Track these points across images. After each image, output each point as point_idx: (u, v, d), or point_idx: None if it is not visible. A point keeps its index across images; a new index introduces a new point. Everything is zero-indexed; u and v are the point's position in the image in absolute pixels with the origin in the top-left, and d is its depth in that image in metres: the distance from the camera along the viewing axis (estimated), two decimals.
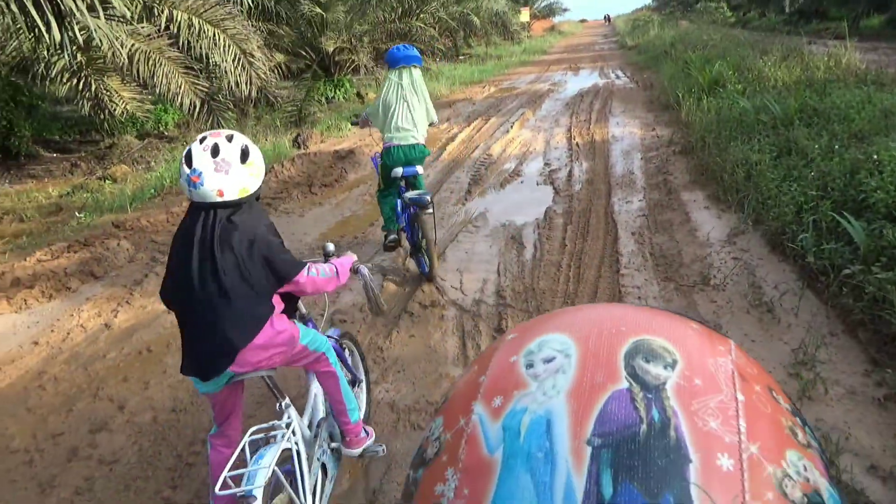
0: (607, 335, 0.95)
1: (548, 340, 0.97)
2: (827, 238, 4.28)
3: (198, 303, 2.05)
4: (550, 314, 1.14)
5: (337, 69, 16.58)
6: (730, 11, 42.84)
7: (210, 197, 2.03)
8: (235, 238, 2.05)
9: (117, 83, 10.39)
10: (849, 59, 9.59)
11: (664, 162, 7.72)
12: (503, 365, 1.00)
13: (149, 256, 5.77)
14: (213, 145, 2.04)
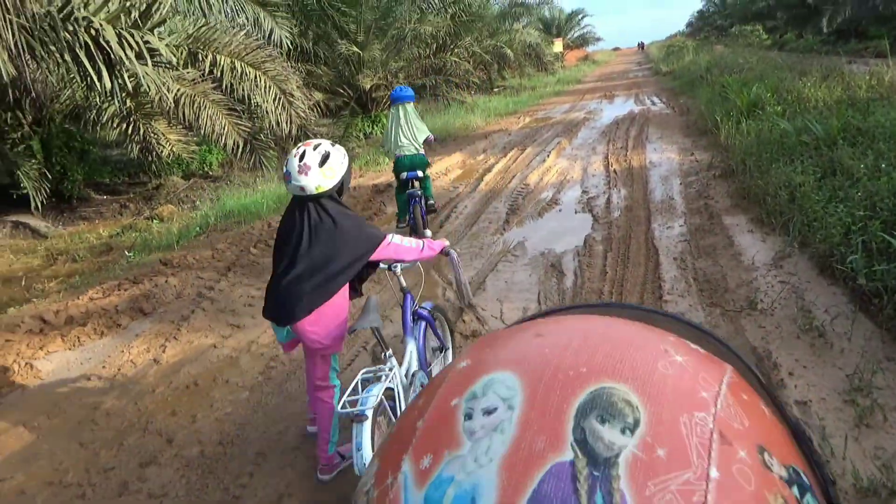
0: (562, 379, 0.73)
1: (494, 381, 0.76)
2: (878, 259, 4.16)
3: (284, 268, 2.75)
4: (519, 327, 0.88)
5: (374, 105, 16.92)
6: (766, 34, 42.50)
7: (296, 191, 2.72)
8: (324, 223, 2.73)
9: (164, 126, 10.78)
10: (892, 77, 9.39)
11: (704, 186, 7.63)
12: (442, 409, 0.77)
13: (195, 292, 5.90)
14: (301, 152, 2.71)
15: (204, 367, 4.47)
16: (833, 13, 26.15)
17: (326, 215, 2.73)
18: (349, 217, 2.81)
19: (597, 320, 0.85)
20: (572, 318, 0.86)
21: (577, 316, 0.87)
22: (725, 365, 0.81)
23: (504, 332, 0.88)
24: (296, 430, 3.52)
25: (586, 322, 0.84)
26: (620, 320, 0.83)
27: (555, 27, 45.29)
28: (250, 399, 3.94)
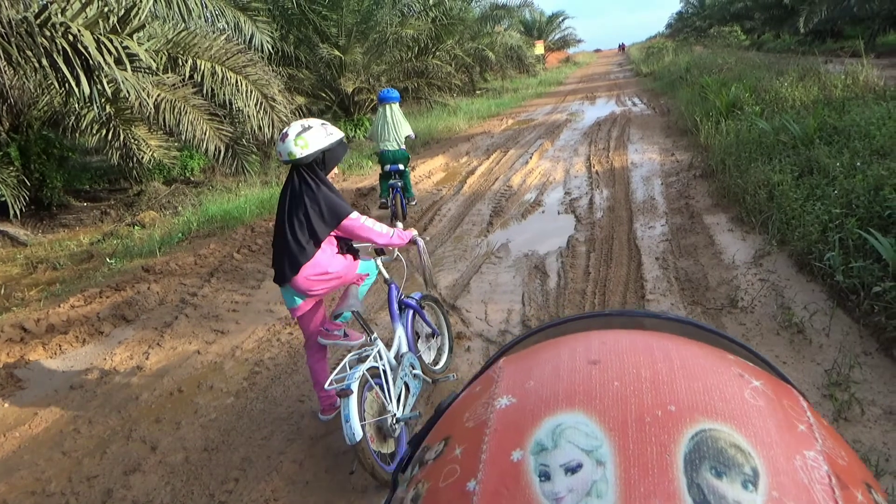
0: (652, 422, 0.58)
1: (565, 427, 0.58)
2: (854, 256, 4.23)
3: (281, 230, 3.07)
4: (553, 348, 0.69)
5: (356, 109, 16.90)
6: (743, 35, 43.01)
7: (280, 157, 3.06)
8: (305, 186, 3.03)
9: (144, 132, 10.70)
10: (866, 76, 9.55)
11: (685, 186, 7.71)
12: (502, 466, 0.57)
13: (178, 298, 5.87)
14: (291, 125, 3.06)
15: (188, 373, 4.45)
16: (809, 14, 26.46)
17: (305, 184, 3.03)
18: (322, 187, 3.06)
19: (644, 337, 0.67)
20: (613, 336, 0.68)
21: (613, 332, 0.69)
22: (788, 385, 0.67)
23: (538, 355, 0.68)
24: (281, 434, 3.51)
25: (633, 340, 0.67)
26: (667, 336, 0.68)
27: (536, 29, 45.48)
28: (235, 405, 3.92)
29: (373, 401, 2.98)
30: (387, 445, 3.03)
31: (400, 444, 3.10)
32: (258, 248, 7.20)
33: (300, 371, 4.25)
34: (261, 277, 6.31)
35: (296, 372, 4.25)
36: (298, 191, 3.03)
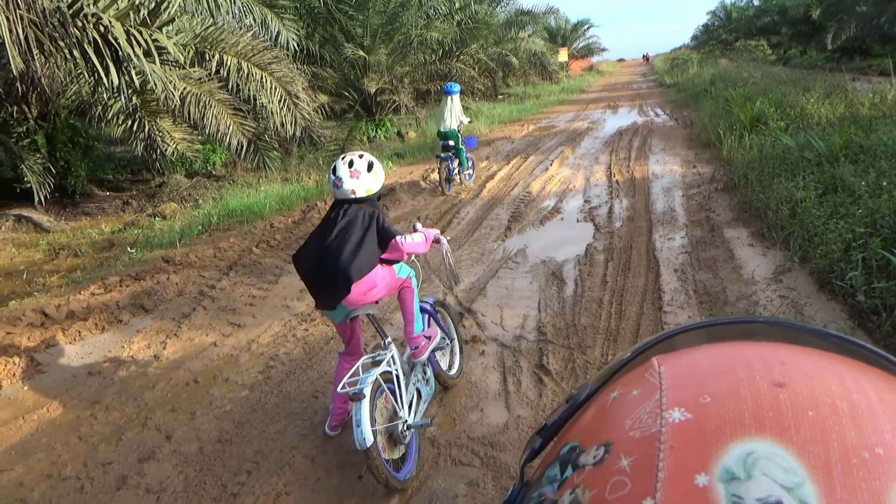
0: (860, 466, 0.50)
1: (759, 457, 0.50)
2: (877, 276, 4.19)
3: (327, 259, 2.97)
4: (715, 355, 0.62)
5: (378, 109, 16.98)
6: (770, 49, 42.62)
7: (346, 195, 3.06)
8: (360, 218, 3.03)
9: (169, 124, 10.82)
10: (895, 96, 9.44)
11: (706, 199, 7.66)
12: (685, 489, 0.50)
13: (196, 290, 5.92)
14: (349, 161, 3.07)
15: (204, 364, 4.49)
16: (837, 30, 26.23)
17: (363, 214, 3.06)
18: (380, 215, 3.13)
19: (828, 360, 0.60)
20: (793, 354, 0.59)
21: (790, 349, 0.61)
22: None
23: (706, 365, 0.61)
24: (294, 429, 3.53)
25: (817, 362, 0.59)
26: (850, 360, 0.60)
27: (560, 37, 45.43)
28: (249, 398, 3.95)
29: (383, 406, 2.98)
30: (397, 451, 3.03)
31: (410, 450, 3.10)
32: (277, 244, 7.25)
33: (314, 367, 4.27)
34: (278, 273, 6.36)
35: (310, 368, 4.27)
36: (353, 220, 3.03)
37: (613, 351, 4.09)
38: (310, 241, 3.10)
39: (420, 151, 14.33)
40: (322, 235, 3.06)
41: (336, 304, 3.01)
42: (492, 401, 3.70)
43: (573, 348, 4.18)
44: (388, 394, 3.00)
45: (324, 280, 3.03)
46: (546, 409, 3.50)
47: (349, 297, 2.97)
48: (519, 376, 3.93)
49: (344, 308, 3.04)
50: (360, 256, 2.96)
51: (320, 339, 4.71)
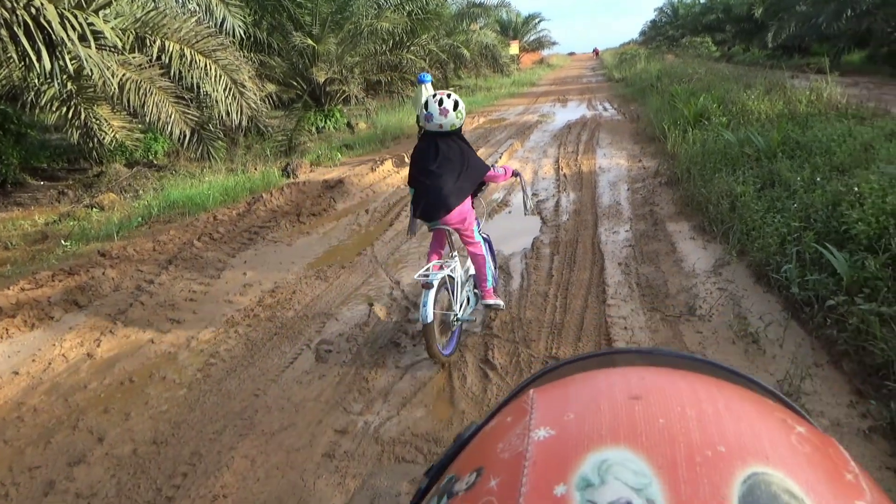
0: (702, 462, 0.55)
1: (611, 463, 0.55)
2: (811, 269, 4.32)
3: (432, 181, 3.82)
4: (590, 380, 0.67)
5: (328, 99, 16.71)
6: (714, 46, 43.69)
7: (435, 128, 3.79)
8: (455, 153, 3.84)
9: (107, 112, 10.43)
10: (830, 93, 9.78)
11: (650, 193, 7.79)
12: (545, 498, 0.53)
13: (134, 285, 5.73)
14: (439, 99, 3.73)
15: (140, 362, 4.34)
16: (778, 29, 27.05)
17: (457, 147, 3.86)
18: (471, 150, 3.98)
19: (683, 376, 0.65)
20: (652, 373, 0.65)
21: (650, 369, 0.67)
22: (827, 435, 0.63)
23: (573, 388, 0.66)
24: (233, 430, 3.44)
25: (673, 378, 0.64)
26: (704, 377, 0.65)
27: (511, 29, 45.58)
28: (187, 397, 3.84)
29: (443, 299, 3.98)
30: (444, 337, 3.98)
31: (452, 337, 4.11)
32: (220, 237, 7.07)
33: (256, 364, 4.18)
34: (221, 267, 6.20)
35: (252, 365, 4.17)
36: (451, 151, 3.83)
37: (557, 345, 4.11)
38: (413, 170, 3.98)
39: (370, 143, 14.19)
40: (424, 163, 3.87)
41: (434, 220, 3.90)
42: (436, 396, 3.68)
43: (518, 342, 4.19)
44: (448, 291, 4.00)
45: (428, 200, 3.88)
46: (490, 404, 3.50)
47: (444, 218, 3.87)
48: (464, 371, 3.92)
49: (436, 223, 3.93)
50: (458, 188, 3.84)
51: (263, 335, 4.61)
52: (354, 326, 4.67)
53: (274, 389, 3.86)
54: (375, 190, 9.46)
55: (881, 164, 5.54)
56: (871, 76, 19.90)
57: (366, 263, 6.12)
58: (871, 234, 4.22)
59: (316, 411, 3.58)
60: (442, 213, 3.86)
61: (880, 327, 3.38)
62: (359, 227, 7.46)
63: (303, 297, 5.32)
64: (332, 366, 4.10)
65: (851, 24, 21.02)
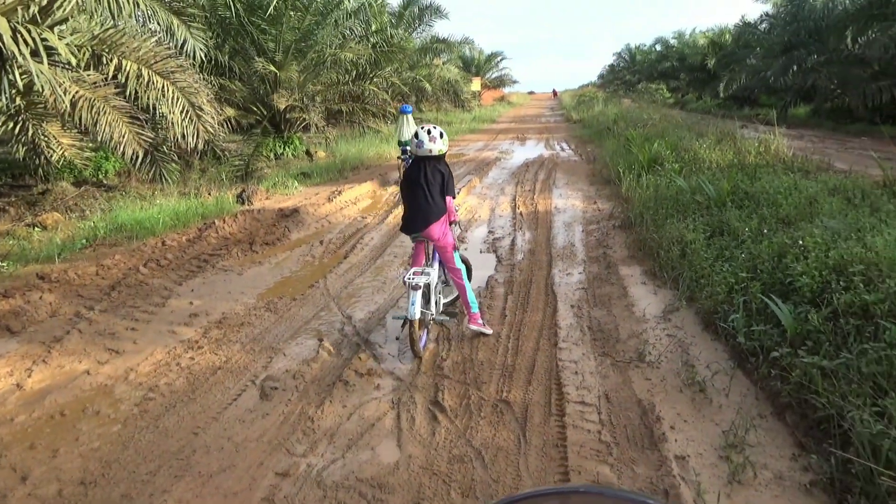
0: None
1: None
2: (757, 319, 4.40)
3: (416, 198, 4.62)
4: None
5: (287, 126, 16.62)
6: (669, 93, 45.25)
7: (425, 153, 4.58)
8: (437, 172, 4.64)
9: (57, 129, 10.12)
10: (777, 146, 10.16)
11: (604, 235, 7.91)
12: None
13: (73, 311, 5.49)
14: (427, 130, 4.58)
15: (73, 395, 4.13)
16: (730, 80, 28.18)
17: (439, 171, 4.65)
18: (450, 175, 4.76)
19: None
20: None
21: None
22: None
23: None
24: (168, 470, 3.28)
25: None
26: None
27: (474, 66, 46.41)
28: (121, 434, 3.66)
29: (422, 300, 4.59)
30: (421, 332, 4.63)
31: (425, 334, 4.78)
32: (167, 264, 6.87)
33: (198, 400, 4.02)
34: (167, 295, 6.01)
35: (193, 401, 4.01)
36: (434, 172, 4.62)
37: (508, 387, 4.08)
38: (405, 187, 4.73)
39: (328, 172, 14.11)
40: (411, 183, 4.66)
41: (415, 232, 4.69)
42: (383, 438, 3.59)
43: (469, 384, 4.15)
44: (427, 294, 4.76)
45: (411, 215, 4.70)
46: (438, 448, 3.43)
47: (424, 231, 4.64)
48: (413, 412, 3.84)
49: (418, 234, 4.71)
50: (435, 206, 4.61)
51: (206, 369, 4.45)
52: (302, 362, 4.55)
53: (214, 428, 3.71)
54: (332, 221, 9.37)
55: (824, 219, 5.74)
56: (815, 130, 20.83)
57: (318, 296, 6.02)
58: (815, 287, 4.33)
59: (257, 452, 3.45)
60: (421, 227, 4.63)
61: (822, 381, 3.45)
62: (312, 259, 7.35)
63: (251, 330, 5.18)
64: (276, 404, 3.98)
65: (797, 79, 22.03)
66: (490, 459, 3.30)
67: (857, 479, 2.86)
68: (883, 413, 3.01)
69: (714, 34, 38.90)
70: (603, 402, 3.89)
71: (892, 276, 4.05)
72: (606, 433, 3.54)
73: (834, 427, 3.23)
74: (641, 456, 3.33)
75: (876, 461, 2.81)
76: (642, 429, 3.58)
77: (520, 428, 3.61)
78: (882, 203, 6.36)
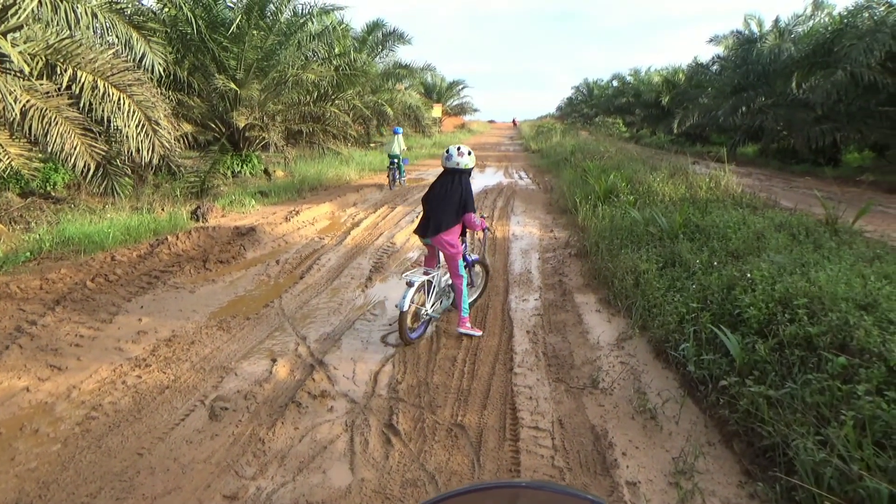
0: None
1: None
2: (706, 349, 4.50)
3: (434, 207, 5.20)
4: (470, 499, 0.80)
5: (246, 144, 16.46)
6: (624, 127, 46.50)
7: (453, 166, 5.21)
8: (458, 187, 5.17)
9: (5, 137, 9.81)
10: (727, 182, 10.50)
11: (560, 263, 8.01)
12: None
13: (13, 325, 5.28)
14: (457, 147, 5.25)
15: (11, 412, 3.96)
16: (682, 117, 29.10)
17: (459, 183, 5.20)
18: (470, 188, 5.27)
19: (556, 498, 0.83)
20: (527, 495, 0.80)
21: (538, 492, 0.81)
22: None
23: None
24: (110, 492, 3.16)
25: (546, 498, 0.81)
26: None
27: (436, 93, 46.82)
28: (61, 453, 3.51)
29: (420, 296, 5.24)
30: (415, 324, 5.25)
31: (420, 328, 5.34)
32: (116, 279, 6.68)
33: (144, 420, 3.90)
34: (114, 311, 5.84)
35: (138, 420, 3.89)
36: (455, 185, 5.17)
37: (463, 412, 4.07)
38: (430, 192, 5.30)
39: (286, 192, 13.99)
40: (437, 189, 5.24)
41: (427, 237, 5.25)
42: (336, 461, 3.53)
43: (424, 408, 4.12)
44: (425, 292, 5.30)
45: (425, 220, 5.25)
46: (392, 472, 3.39)
47: (435, 237, 5.17)
48: (366, 435, 3.80)
49: (428, 239, 5.27)
50: (448, 217, 5.13)
51: (154, 388, 4.32)
52: (254, 383, 4.46)
53: (160, 448, 3.59)
54: (288, 240, 9.28)
55: (771, 253, 5.94)
56: (762, 168, 21.62)
57: (272, 316, 5.93)
58: (762, 318, 4.46)
59: (205, 474, 3.35)
60: (432, 233, 5.17)
61: (768, 410, 3.54)
62: (268, 278, 7.25)
63: (201, 349, 5.06)
64: (226, 424, 3.88)
65: (746, 119, 22.88)
66: (444, 483, 3.28)
67: None
68: (825, 441, 3.11)
69: (668, 73, 40.20)
70: (556, 427, 3.91)
71: (834, 309, 4.21)
72: (560, 458, 3.55)
73: (779, 455, 3.31)
74: (594, 481, 3.35)
75: (819, 487, 2.89)
76: (595, 454, 3.61)
77: (474, 452, 3.59)
78: (825, 240, 6.62)
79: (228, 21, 14.53)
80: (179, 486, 3.24)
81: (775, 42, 22.47)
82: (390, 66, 27.62)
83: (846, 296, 4.38)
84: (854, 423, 3.04)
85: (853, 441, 2.97)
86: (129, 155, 10.49)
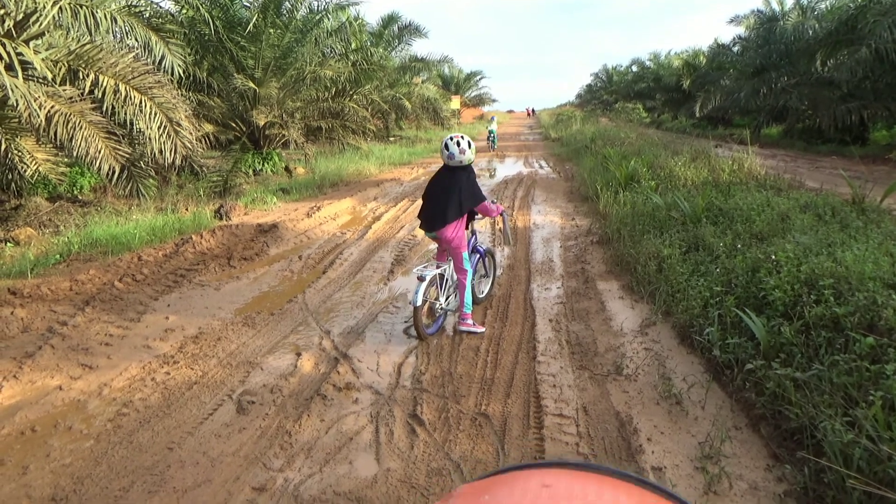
0: None
1: None
2: (731, 333, 4.46)
3: (436, 201, 5.10)
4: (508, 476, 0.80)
5: (266, 143, 16.59)
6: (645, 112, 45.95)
7: (454, 163, 5.05)
8: (459, 181, 5.06)
9: (31, 143, 10.02)
10: (750, 165, 10.34)
11: (582, 251, 7.97)
12: None
13: (45, 326, 5.41)
14: (456, 141, 5.00)
15: (45, 410, 4.06)
16: (704, 100, 28.70)
17: (463, 178, 5.09)
18: (474, 181, 5.18)
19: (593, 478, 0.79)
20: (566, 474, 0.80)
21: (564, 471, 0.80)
22: None
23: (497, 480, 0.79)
24: (142, 486, 3.23)
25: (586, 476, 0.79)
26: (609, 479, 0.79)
27: (454, 85, 46.72)
28: (94, 449, 3.60)
29: (433, 290, 5.21)
30: (429, 319, 5.25)
31: (437, 322, 5.31)
32: (143, 279, 6.80)
33: (173, 415, 3.97)
34: (142, 310, 5.94)
35: (168, 416, 3.96)
36: (456, 180, 5.06)
37: (487, 401, 4.08)
38: (429, 188, 5.23)
39: (307, 188, 14.08)
40: (437, 184, 5.19)
41: (431, 230, 5.17)
42: (362, 452, 3.57)
43: (448, 398, 4.14)
44: (437, 286, 5.26)
45: (428, 214, 5.17)
46: (417, 462, 3.41)
47: (439, 231, 5.09)
48: (391, 426, 3.83)
49: (433, 233, 5.18)
50: (452, 209, 5.02)
51: (182, 384, 4.40)
52: (280, 377, 4.52)
53: (190, 442, 3.66)
54: (310, 236, 9.35)
55: (796, 234, 5.85)
56: (787, 149, 21.26)
57: (296, 311, 5.99)
58: (787, 300, 4.40)
59: (234, 467, 3.41)
60: (438, 225, 5.07)
61: (795, 392, 3.50)
62: (291, 274, 7.32)
63: (228, 345, 5.14)
64: (253, 418, 3.94)
65: (770, 100, 22.50)
66: (469, 472, 3.30)
67: (830, 488, 2.90)
68: (853, 422, 3.07)
69: (689, 55, 39.61)
70: (581, 414, 3.91)
71: (861, 289, 4.13)
72: (584, 445, 3.55)
73: (807, 437, 3.27)
74: (619, 467, 3.34)
75: (848, 469, 2.85)
76: (620, 440, 3.60)
77: (498, 440, 3.61)
78: (851, 219, 6.50)
79: (245, 20, 14.63)
80: (209, 478, 3.30)
81: (798, 20, 22.03)
82: (407, 59, 27.63)
83: (874, 275, 4.30)
84: (883, 404, 3.00)
85: (882, 421, 2.93)
86: (152, 157, 10.63)
